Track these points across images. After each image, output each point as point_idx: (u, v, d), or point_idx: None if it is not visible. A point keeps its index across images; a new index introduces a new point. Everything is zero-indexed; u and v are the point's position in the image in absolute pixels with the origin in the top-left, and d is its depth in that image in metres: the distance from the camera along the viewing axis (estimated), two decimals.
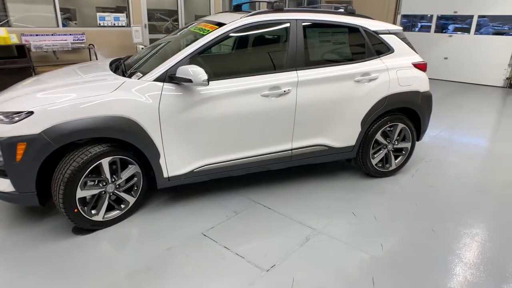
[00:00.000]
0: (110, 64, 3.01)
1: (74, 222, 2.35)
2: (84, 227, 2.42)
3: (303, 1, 10.97)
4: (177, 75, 2.37)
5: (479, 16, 8.80)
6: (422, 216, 2.81)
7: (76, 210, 2.31)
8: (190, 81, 2.31)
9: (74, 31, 5.90)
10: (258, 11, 2.78)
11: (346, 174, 3.50)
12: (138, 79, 2.45)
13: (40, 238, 2.39)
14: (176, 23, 8.61)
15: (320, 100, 2.87)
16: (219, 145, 2.66)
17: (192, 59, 2.51)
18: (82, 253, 2.26)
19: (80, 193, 2.30)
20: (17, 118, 2.16)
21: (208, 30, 2.66)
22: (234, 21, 2.66)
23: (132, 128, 2.33)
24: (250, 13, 2.74)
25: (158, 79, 2.43)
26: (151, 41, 7.21)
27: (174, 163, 2.56)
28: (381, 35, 3.17)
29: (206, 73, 2.33)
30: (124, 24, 6.60)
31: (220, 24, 2.68)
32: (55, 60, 5.74)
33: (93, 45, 5.88)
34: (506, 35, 8.57)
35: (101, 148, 2.30)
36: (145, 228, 2.54)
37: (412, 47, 3.35)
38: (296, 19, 2.83)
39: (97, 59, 5.94)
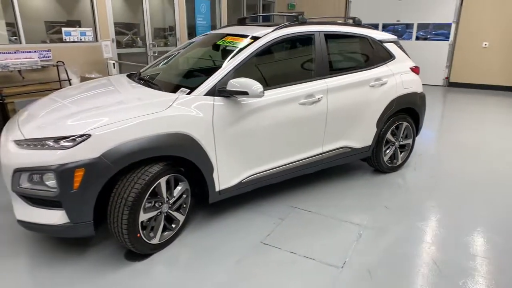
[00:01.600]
0: (132, 80, 2.89)
1: (134, 248, 2.22)
2: (144, 252, 2.30)
3: (259, 16, 11.31)
4: (229, 88, 2.39)
5: (402, 24, 9.96)
6: (440, 202, 3.14)
7: (138, 235, 2.19)
8: (246, 93, 2.34)
9: (39, 47, 5.43)
10: (286, 23, 2.91)
11: (358, 173, 3.75)
12: (187, 94, 2.42)
13: (93, 271, 2.21)
14: (136, 36, 8.37)
15: (345, 105, 3.07)
16: (264, 154, 2.72)
17: (236, 72, 2.55)
18: (149, 280, 2.15)
19: (142, 217, 2.19)
20: (70, 143, 2.01)
21: (243, 43, 2.72)
22: (269, 33, 2.75)
23: (190, 144, 2.30)
24: (279, 26, 2.86)
25: (208, 93, 2.43)
26: (119, 56, 6.90)
27: (225, 176, 2.55)
28: (384, 44, 3.49)
29: None
30: (91, 39, 6.23)
31: (253, 37, 2.76)
32: (21, 80, 5.22)
33: (62, 62, 5.46)
34: (429, 40, 9.81)
35: (159, 167, 2.22)
36: (201, 245, 2.49)
37: (406, 54, 3.73)
38: (319, 31, 3.02)
39: (68, 77, 5.53)
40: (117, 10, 8.52)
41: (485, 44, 9.11)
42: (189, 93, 2.42)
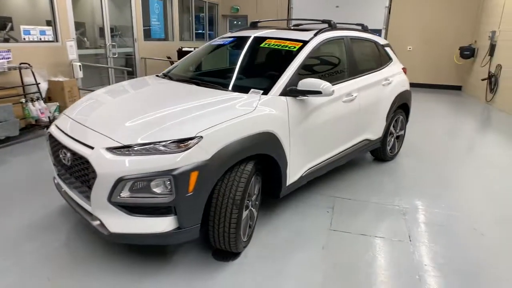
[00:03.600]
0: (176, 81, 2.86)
1: (235, 247, 2.26)
2: (239, 250, 2.34)
3: (205, 17, 11.31)
4: (301, 88, 2.56)
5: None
6: (447, 177, 3.76)
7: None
8: (319, 92, 2.54)
9: None
10: (323, 28, 3.18)
11: (363, 163, 4.20)
12: (262, 94, 2.52)
13: (192, 277, 2.19)
14: (82, 37, 7.76)
15: (369, 102, 3.47)
16: (320, 148, 2.95)
17: (297, 73, 2.73)
18: (252, 276, 2.22)
19: (244, 215, 2.24)
20: (183, 146, 1.97)
21: (293, 46, 2.90)
22: (315, 37, 2.99)
23: (275, 142, 2.42)
24: (320, 30, 3.12)
25: (281, 93, 2.56)
26: (81, 57, 6.32)
27: (293, 170, 2.71)
28: (385, 47, 4.00)
29: None
30: (51, 39, 5.61)
31: (301, 41, 2.96)
32: None
33: (29, 65, 4.84)
34: None
35: (251, 165, 2.30)
36: (277, 238, 2.61)
37: (396, 56, 4.31)
38: (346, 36, 3.36)
39: (36, 81, 4.91)
40: None
41: (410, 48, 10.63)
42: (263, 94, 2.53)
